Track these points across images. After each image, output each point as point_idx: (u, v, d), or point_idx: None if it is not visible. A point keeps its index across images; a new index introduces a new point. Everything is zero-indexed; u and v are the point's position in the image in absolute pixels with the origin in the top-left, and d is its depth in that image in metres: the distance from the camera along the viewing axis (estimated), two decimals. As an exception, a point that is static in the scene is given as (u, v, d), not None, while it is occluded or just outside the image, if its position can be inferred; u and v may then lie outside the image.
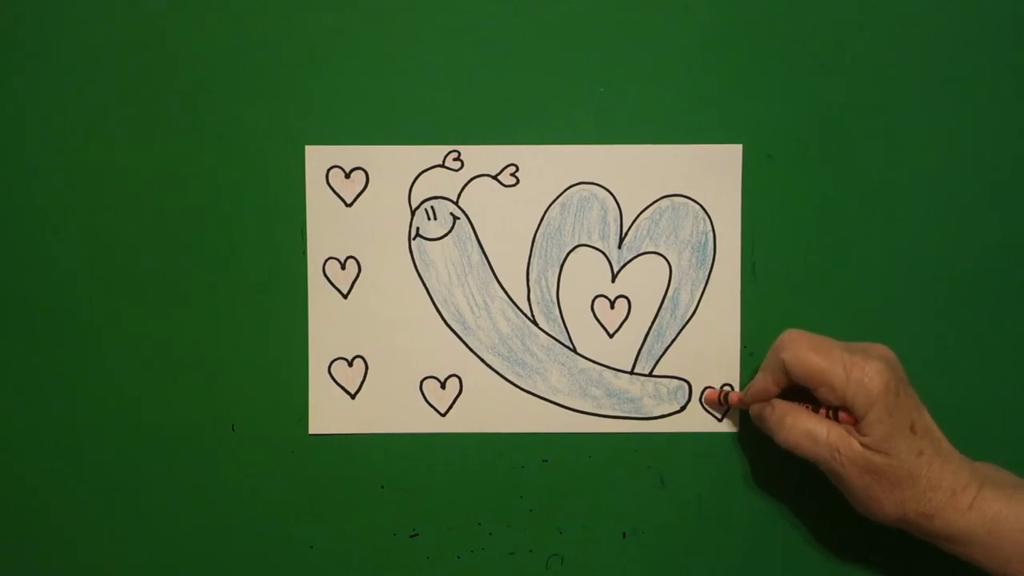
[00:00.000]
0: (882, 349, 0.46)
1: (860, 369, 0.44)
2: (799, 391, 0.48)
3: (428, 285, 0.55)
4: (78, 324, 0.55)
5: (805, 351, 0.46)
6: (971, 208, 0.54)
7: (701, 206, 0.54)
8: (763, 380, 0.49)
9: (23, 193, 0.54)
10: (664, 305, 0.54)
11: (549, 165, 0.54)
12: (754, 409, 0.50)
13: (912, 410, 0.45)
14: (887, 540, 0.54)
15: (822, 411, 0.47)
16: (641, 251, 0.54)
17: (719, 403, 0.54)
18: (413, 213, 0.54)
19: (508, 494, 0.55)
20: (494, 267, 0.55)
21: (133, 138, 0.54)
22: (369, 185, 0.54)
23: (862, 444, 0.45)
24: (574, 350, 0.55)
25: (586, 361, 0.55)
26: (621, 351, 0.55)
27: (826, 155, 0.54)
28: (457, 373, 0.55)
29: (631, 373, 0.55)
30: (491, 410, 0.55)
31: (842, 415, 0.46)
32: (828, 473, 0.47)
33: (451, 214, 0.54)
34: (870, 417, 0.44)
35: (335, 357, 0.55)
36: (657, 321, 0.54)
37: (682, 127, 0.54)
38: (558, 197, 0.54)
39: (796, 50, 0.53)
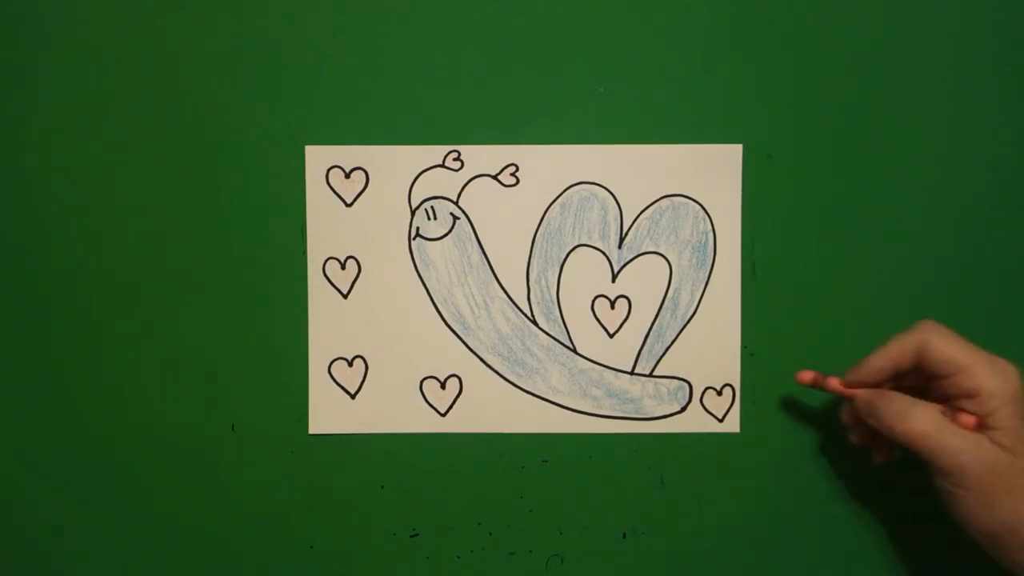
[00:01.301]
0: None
1: (1002, 366, 0.44)
2: (901, 384, 0.47)
3: (428, 285, 0.55)
4: (78, 324, 0.55)
5: (948, 339, 0.45)
6: (971, 208, 0.54)
7: (701, 206, 0.54)
8: (883, 360, 0.47)
9: (23, 193, 0.54)
10: (664, 305, 0.54)
11: (549, 165, 0.54)
12: (864, 397, 0.48)
13: None
14: (887, 541, 0.54)
15: (939, 407, 0.45)
16: (641, 251, 0.54)
17: (814, 385, 0.50)
18: (413, 213, 0.54)
19: (508, 494, 0.55)
20: (494, 267, 0.55)
21: (133, 138, 0.54)
22: (369, 185, 0.54)
23: (993, 441, 0.43)
24: (574, 350, 0.55)
25: (586, 361, 0.55)
26: (621, 351, 0.55)
27: (826, 155, 0.54)
28: (457, 373, 0.55)
29: (631, 373, 0.55)
30: (491, 410, 0.55)
31: (963, 416, 0.44)
32: (946, 472, 0.44)
33: (451, 214, 0.54)
34: (1006, 411, 0.43)
35: (335, 357, 0.55)
36: (657, 321, 0.54)
37: (682, 127, 0.54)
38: (558, 197, 0.54)
39: (796, 50, 0.53)
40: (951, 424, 0.44)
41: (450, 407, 0.55)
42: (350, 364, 0.55)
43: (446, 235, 0.54)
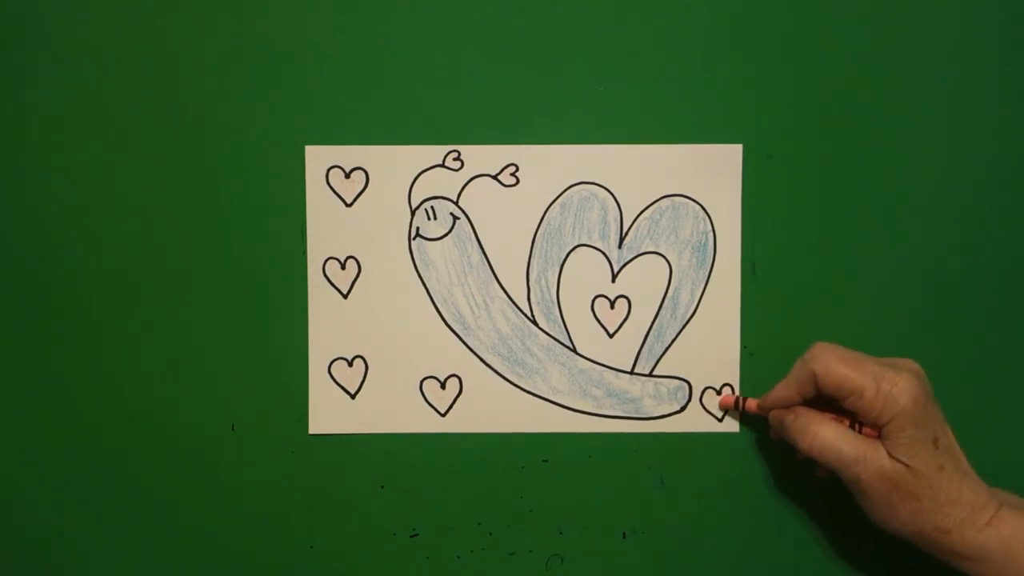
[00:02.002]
0: (912, 364, 0.47)
1: (890, 382, 0.45)
2: (819, 400, 0.48)
3: (428, 285, 0.55)
4: (78, 324, 0.55)
5: (836, 363, 0.46)
6: (971, 208, 0.54)
7: (701, 206, 0.54)
8: (786, 390, 0.49)
9: (23, 193, 0.54)
10: (664, 305, 0.54)
11: (549, 165, 0.54)
12: (775, 415, 0.50)
13: (936, 425, 0.46)
14: (887, 541, 0.54)
15: (845, 421, 0.47)
16: (641, 251, 0.54)
17: (735, 408, 0.53)
18: (413, 213, 0.54)
19: (508, 494, 0.55)
20: (494, 267, 0.55)
21: (133, 138, 0.54)
22: (369, 185, 0.54)
23: (889, 452, 0.45)
24: (574, 350, 0.55)
25: (586, 361, 0.55)
26: (621, 351, 0.55)
27: (826, 155, 0.54)
28: (457, 373, 0.55)
29: (631, 373, 0.55)
30: (491, 410, 0.55)
31: (866, 430, 0.47)
32: (849, 482, 0.47)
33: (451, 214, 0.54)
34: (893, 425, 0.45)
35: (335, 357, 0.55)
36: (657, 321, 0.54)
37: (682, 127, 0.54)
38: (558, 197, 0.54)
39: (796, 50, 0.53)
40: (850, 437, 0.46)
41: (450, 407, 0.55)
42: (350, 364, 0.55)
43: (446, 235, 0.54)
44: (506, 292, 0.55)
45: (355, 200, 0.54)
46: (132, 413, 0.55)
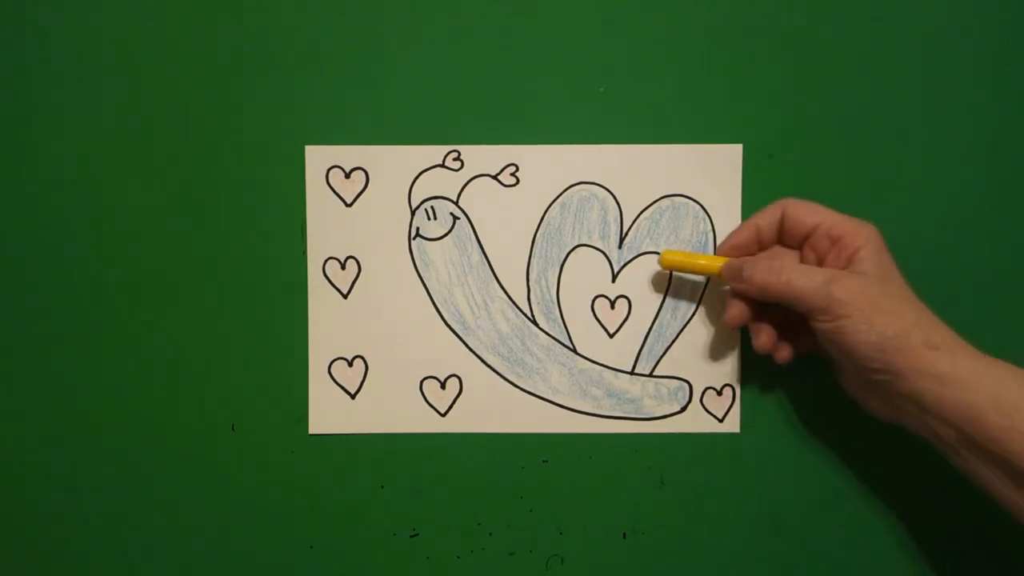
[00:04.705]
0: None
1: (857, 219, 0.48)
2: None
3: (428, 285, 0.55)
4: (78, 324, 0.55)
5: (808, 202, 0.49)
6: (971, 208, 0.54)
7: (701, 206, 0.54)
8: (747, 233, 0.50)
9: (23, 193, 0.54)
10: (664, 305, 0.54)
11: (549, 165, 0.54)
12: (732, 264, 0.50)
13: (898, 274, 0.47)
14: (887, 540, 0.54)
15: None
16: (641, 251, 0.54)
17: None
18: (413, 213, 0.54)
19: (508, 494, 0.55)
20: (494, 267, 0.55)
21: (133, 138, 0.54)
22: (369, 185, 0.54)
23: (859, 272, 0.46)
24: (574, 350, 0.55)
25: (586, 361, 0.55)
26: (621, 351, 0.55)
27: (826, 155, 0.54)
28: (457, 373, 0.55)
29: (631, 373, 0.55)
30: (491, 410, 0.55)
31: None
32: (823, 310, 0.45)
33: (451, 214, 0.54)
34: (870, 248, 0.46)
35: (335, 357, 0.55)
36: (657, 321, 0.54)
37: (682, 127, 0.54)
38: (558, 197, 0.54)
39: (797, 50, 0.53)
40: (815, 267, 0.47)
41: (450, 407, 0.55)
42: (350, 364, 0.55)
43: (446, 235, 0.54)
44: (506, 292, 0.55)
45: (355, 200, 0.54)
46: (132, 413, 0.55)
